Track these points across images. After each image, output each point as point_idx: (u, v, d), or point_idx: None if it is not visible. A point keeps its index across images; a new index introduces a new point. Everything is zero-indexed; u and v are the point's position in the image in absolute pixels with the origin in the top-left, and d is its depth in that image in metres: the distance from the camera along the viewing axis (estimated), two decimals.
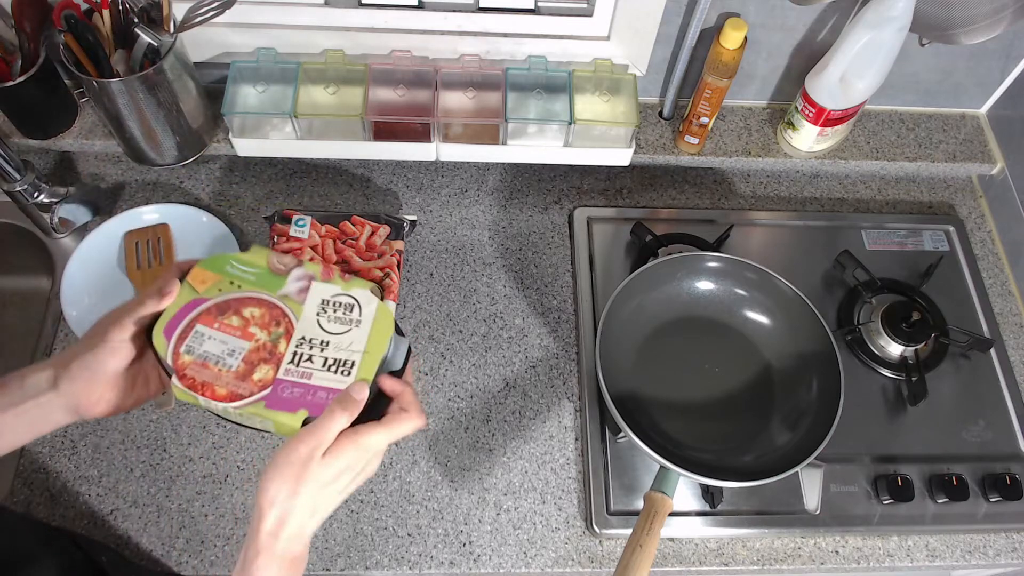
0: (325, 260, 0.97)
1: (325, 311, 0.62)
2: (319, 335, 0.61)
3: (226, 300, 0.61)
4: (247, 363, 0.59)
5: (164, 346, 0.59)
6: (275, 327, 0.61)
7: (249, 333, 0.60)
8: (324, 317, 0.62)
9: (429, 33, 1.01)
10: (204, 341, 0.59)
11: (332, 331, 0.61)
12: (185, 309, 0.60)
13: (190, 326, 0.60)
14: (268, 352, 0.60)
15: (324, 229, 0.99)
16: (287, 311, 0.61)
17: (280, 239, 0.98)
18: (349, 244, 0.99)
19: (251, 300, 0.61)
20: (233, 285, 0.61)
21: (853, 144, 1.14)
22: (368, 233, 0.99)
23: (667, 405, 0.91)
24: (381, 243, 0.99)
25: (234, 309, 0.61)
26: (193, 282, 0.61)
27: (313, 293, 0.62)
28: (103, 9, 0.87)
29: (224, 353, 0.59)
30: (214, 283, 0.61)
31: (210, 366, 0.59)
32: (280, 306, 0.61)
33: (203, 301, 0.61)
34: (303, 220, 0.99)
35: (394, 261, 0.98)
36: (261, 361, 0.59)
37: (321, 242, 0.98)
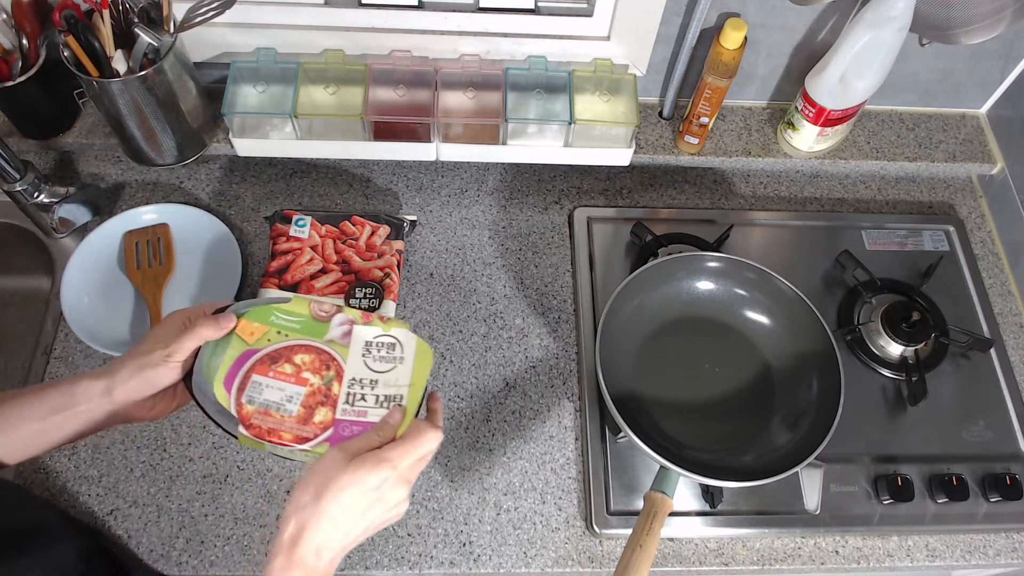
0: (325, 260, 0.97)
1: (369, 352, 0.66)
2: (368, 375, 0.65)
3: (277, 349, 0.65)
4: (306, 407, 0.63)
5: (226, 397, 0.62)
6: (326, 371, 0.64)
7: (303, 379, 0.64)
8: (369, 357, 0.66)
9: (429, 33, 1.01)
10: (263, 390, 0.63)
11: (379, 369, 0.65)
12: (239, 361, 0.64)
13: (247, 377, 0.63)
14: (323, 395, 0.64)
15: (324, 229, 0.99)
16: (335, 355, 0.65)
17: (280, 239, 0.98)
18: (349, 244, 0.99)
19: (300, 347, 0.65)
20: (280, 335, 0.65)
21: (853, 144, 1.14)
22: (368, 233, 0.99)
23: (667, 405, 0.91)
24: (381, 243, 0.99)
25: (285, 357, 0.64)
26: (242, 334, 0.64)
27: (356, 336, 0.66)
28: (103, 9, 0.87)
29: (283, 400, 0.63)
30: (262, 334, 0.65)
31: (272, 413, 0.63)
32: (328, 351, 0.65)
33: (255, 352, 0.64)
34: (303, 220, 0.99)
35: (394, 261, 0.98)
36: (318, 404, 0.63)
37: (321, 242, 0.98)
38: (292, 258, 0.97)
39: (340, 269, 0.97)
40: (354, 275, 0.96)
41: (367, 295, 0.95)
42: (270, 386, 0.63)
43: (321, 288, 0.95)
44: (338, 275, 0.96)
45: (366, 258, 0.98)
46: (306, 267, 0.96)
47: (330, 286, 0.96)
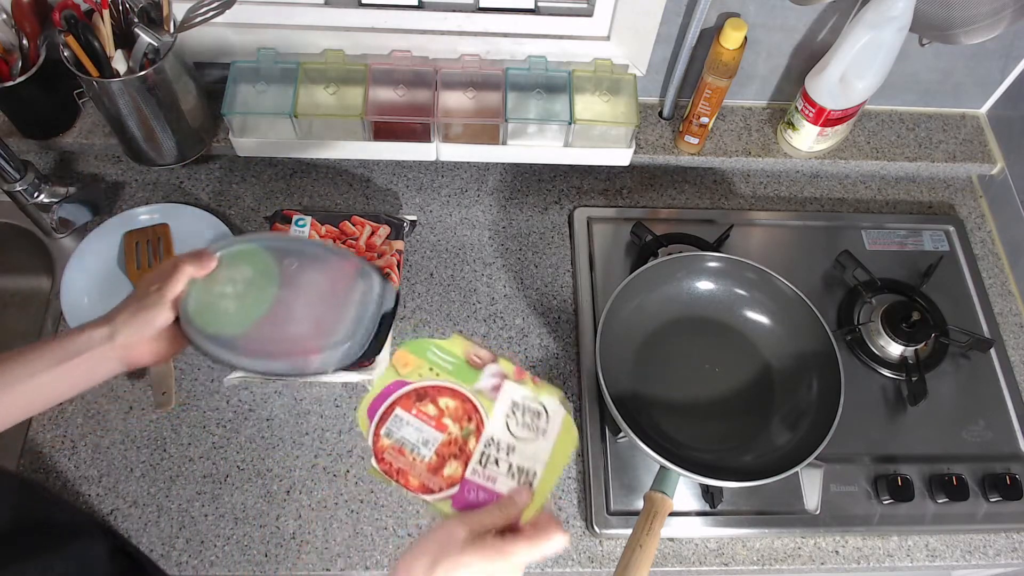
0: None
1: (514, 413, 0.62)
2: (507, 438, 0.61)
3: (425, 387, 0.62)
4: (439, 456, 0.60)
5: (367, 425, 0.60)
6: (467, 422, 0.61)
7: (443, 424, 0.61)
8: (513, 420, 0.61)
9: (429, 33, 1.01)
10: (402, 426, 0.61)
11: (519, 436, 0.61)
12: (388, 390, 0.61)
13: (391, 408, 0.61)
14: (458, 448, 0.60)
15: (324, 229, 0.99)
16: (479, 407, 0.61)
17: None
18: (349, 244, 0.99)
19: (447, 390, 0.62)
20: (432, 372, 0.62)
21: (853, 144, 1.14)
22: (368, 233, 0.99)
23: (667, 405, 0.91)
24: (381, 243, 0.99)
25: (431, 397, 0.61)
26: (396, 364, 0.62)
27: (505, 392, 0.62)
28: (103, 9, 0.87)
29: (419, 442, 0.60)
30: (415, 367, 0.62)
31: (406, 453, 0.60)
32: (473, 401, 0.61)
33: (405, 384, 0.62)
34: (303, 220, 0.99)
35: (394, 261, 0.98)
36: (451, 456, 0.60)
37: None
38: None
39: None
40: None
41: None
42: (410, 424, 0.61)
43: None
44: None
45: (366, 258, 0.98)
46: None
47: None
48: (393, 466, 0.60)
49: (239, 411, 0.92)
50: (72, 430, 0.90)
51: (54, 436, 0.89)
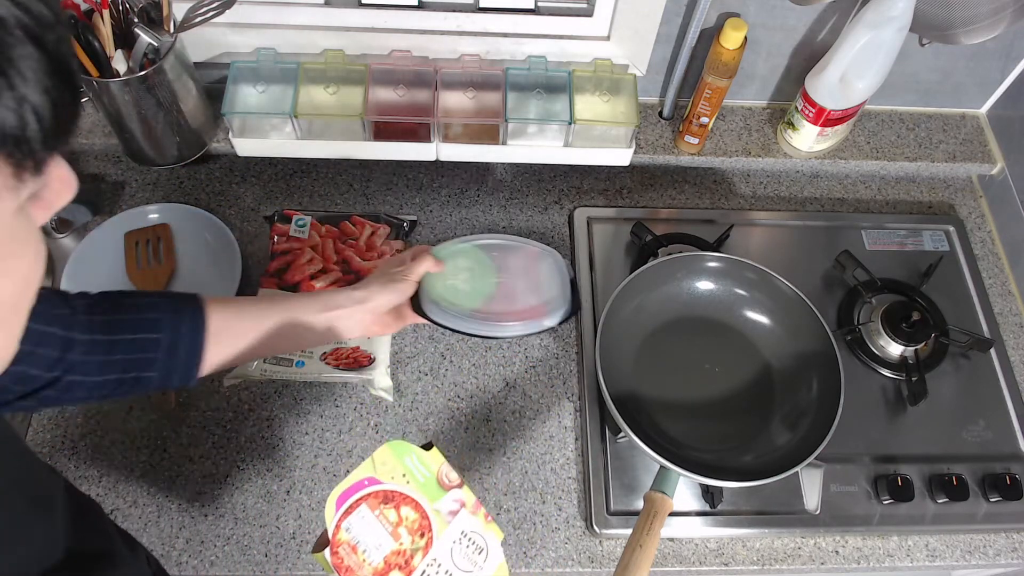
0: (325, 260, 0.97)
1: (460, 542, 0.63)
2: (449, 566, 0.62)
3: (393, 491, 0.63)
4: (386, 563, 0.61)
5: (332, 514, 0.61)
6: (419, 538, 0.62)
7: (398, 533, 0.62)
8: (458, 548, 0.63)
9: (429, 33, 1.01)
10: (363, 524, 0.61)
11: (460, 566, 0.63)
12: (361, 484, 0.62)
13: (357, 503, 0.62)
14: (404, 560, 0.61)
15: (324, 229, 0.99)
16: (433, 527, 0.63)
17: (280, 239, 0.98)
18: (349, 244, 0.99)
19: (412, 501, 0.63)
20: (404, 478, 0.63)
21: (853, 144, 1.14)
22: (368, 233, 1.00)
23: (667, 405, 0.91)
24: (381, 243, 0.99)
25: (396, 503, 0.62)
26: (376, 459, 0.63)
27: (459, 519, 0.63)
28: (103, 9, 0.87)
29: (372, 545, 0.61)
30: (391, 468, 0.63)
31: (357, 552, 0.61)
32: (430, 519, 0.63)
33: (377, 483, 0.63)
34: (303, 220, 0.99)
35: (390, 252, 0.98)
36: (396, 567, 0.61)
37: (321, 242, 0.98)
38: (292, 258, 0.97)
39: (340, 269, 0.97)
40: (354, 275, 0.97)
41: None
42: (370, 525, 0.62)
43: (322, 288, 0.95)
44: (338, 275, 0.97)
45: (366, 258, 0.98)
46: (306, 267, 0.96)
47: (330, 286, 0.96)
48: (343, 562, 0.60)
49: (239, 411, 0.92)
50: (72, 430, 0.90)
51: (54, 436, 0.89)
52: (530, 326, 0.92)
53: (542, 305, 0.92)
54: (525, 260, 0.95)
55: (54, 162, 0.34)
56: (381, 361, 0.92)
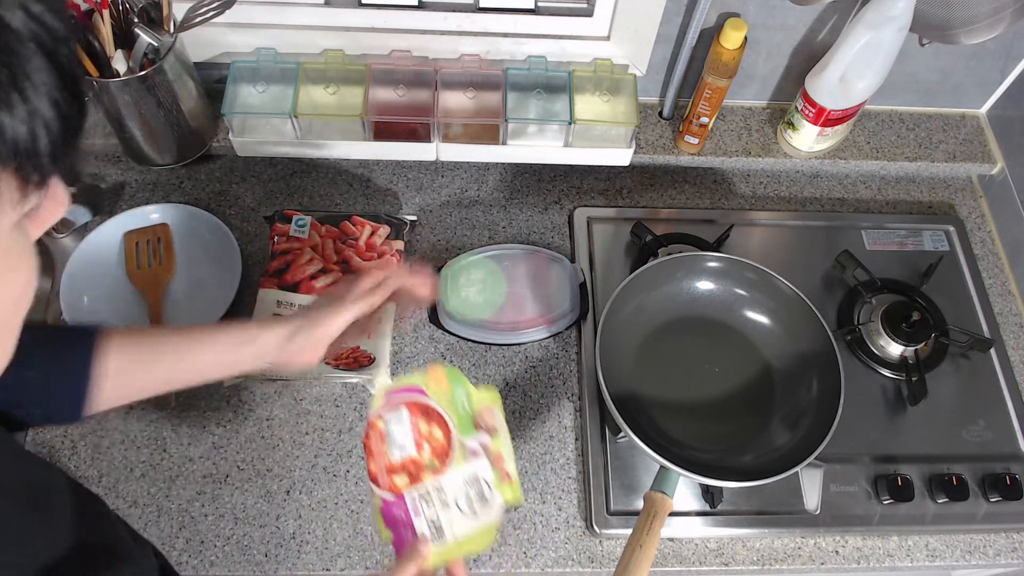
0: (325, 260, 0.97)
1: (469, 483, 0.66)
2: (450, 498, 0.65)
3: (435, 410, 0.66)
4: (400, 465, 0.65)
5: (378, 403, 0.66)
6: (437, 460, 0.65)
7: (421, 445, 0.65)
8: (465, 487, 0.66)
9: (429, 33, 1.01)
10: (398, 423, 0.65)
11: (459, 504, 0.66)
12: (412, 389, 0.67)
13: (403, 404, 0.66)
14: (415, 470, 0.65)
15: (324, 229, 0.99)
16: (452, 458, 0.66)
17: (280, 239, 0.98)
18: (349, 244, 0.99)
19: (445, 426, 0.66)
20: (449, 404, 0.67)
21: (853, 144, 1.14)
22: (368, 233, 1.00)
23: (667, 405, 0.91)
24: (381, 243, 0.99)
25: (433, 421, 0.66)
26: (430, 376, 0.67)
27: (477, 462, 0.66)
28: (103, 9, 0.87)
29: (398, 444, 0.65)
30: (442, 392, 0.67)
31: (384, 443, 0.65)
32: (452, 448, 0.66)
33: (424, 394, 0.67)
34: (303, 220, 0.99)
35: (394, 261, 0.98)
36: (406, 472, 0.65)
37: (321, 242, 0.98)
38: (292, 258, 0.97)
39: (340, 269, 0.97)
40: (354, 275, 0.96)
41: None
42: (403, 426, 0.65)
43: (322, 288, 0.95)
44: (338, 275, 0.97)
45: (366, 258, 0.98)
46: (306, 267, 0.96)
47: (330, 286, 0.96)
48: (370, 443, 0.65)
49: (239, 411, 0.92)
50: (72, 430, 0.90)
51: (54, 436, 0.89)
52: (539, 332, 0.97)
53: (551, 312, 0.98)
54: (535, 267, 1.00)
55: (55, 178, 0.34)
56: (381, 360, 0.92)
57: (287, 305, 0.94)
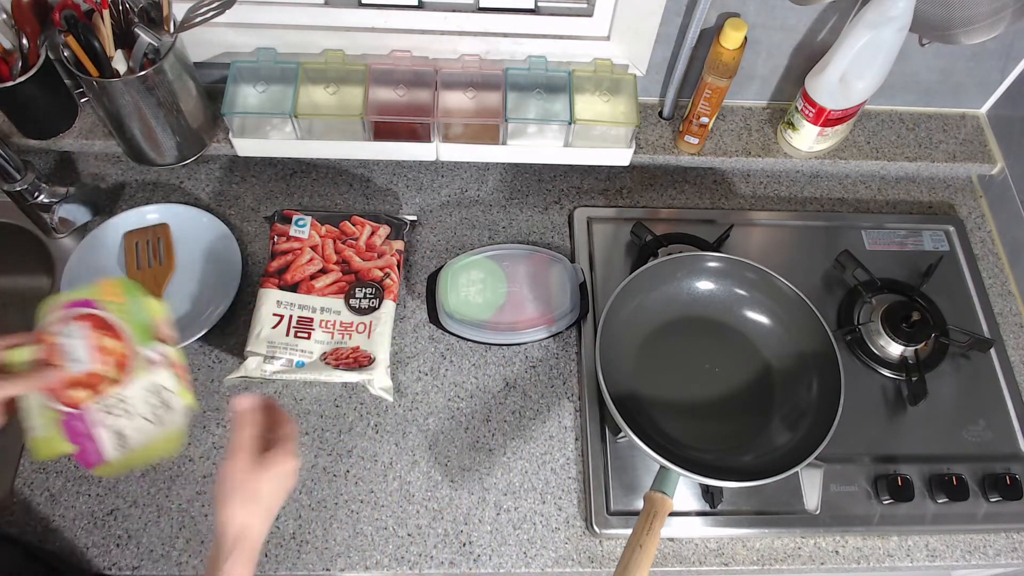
0: (325, 260, 0.97)
1: (151, 392, 0.66)
2: (132, 407, 0.65)
3: (111, 322, 0.65)
4: (81, 381, 0.63)
5: (53, 308, 0.64)
6: (116, 371, 0.64)
7: (98, 358, 0.64)
8: (146, 396, 0.66)
9: (429, 33, 1.01)
10: (71, 336, 0.63)
11: (142, 412, 0.66)
12: (86, 303, 0.65)
13: (75, 317, 0.64)
14: (96, 384, 0.63)
15: (324, 229, 0.99)
16: (131, 367, 0.65)
17: (280, 239, 0.98)
18: (349, 244, 0.99)
19: (122, 336, 0.65)
20: (124, 314, 0.66)
21: (853, 144, 1.14)
22: (368, 233, 1.00)
23: (667, 405, 0.91)
24: (381, 243, 0.99)
25: (109, 333, 0.65)
26: (103, 289, 0.66)
27: (158, 371, 0.66)
28: (103, 9, 0.87)
29: (73, 357, 0.63)
30: (117, 304, 0.66)
31: (57, 356, 0.63)
32: (131, 360, 0.65)
33: (95, 307, 0.65)
34: (303, 220, 0.99)
35: (394, 261, 0.98)
36: (88, 387, 0.63)
37: (321, 242, 0.98)
38: (292, 258, 0.97)
39: (340, 269, 0.97)
40: (354, 275, 0.96)
41: (367, 295, 0.95)
42: (76, 339, 0.63)
43: (322, 288, 0.95)
44: (338, 275, 0.96)
45: (366, 258, 0.98)
46: (306, 267, 0.96)
47: (330, 286, 0.96)
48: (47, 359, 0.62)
49: None
50: None
51: None
52: (539, 332, 0.97)
53: (551, 311, 0.98)
54: (535, 267, 1.00)
55: None
56: (381, 361, 0.92)
57: (287, 305, 0.93)
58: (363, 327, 0.93)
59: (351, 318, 0.93)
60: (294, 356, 0.91)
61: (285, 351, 0.91)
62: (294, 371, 0.90)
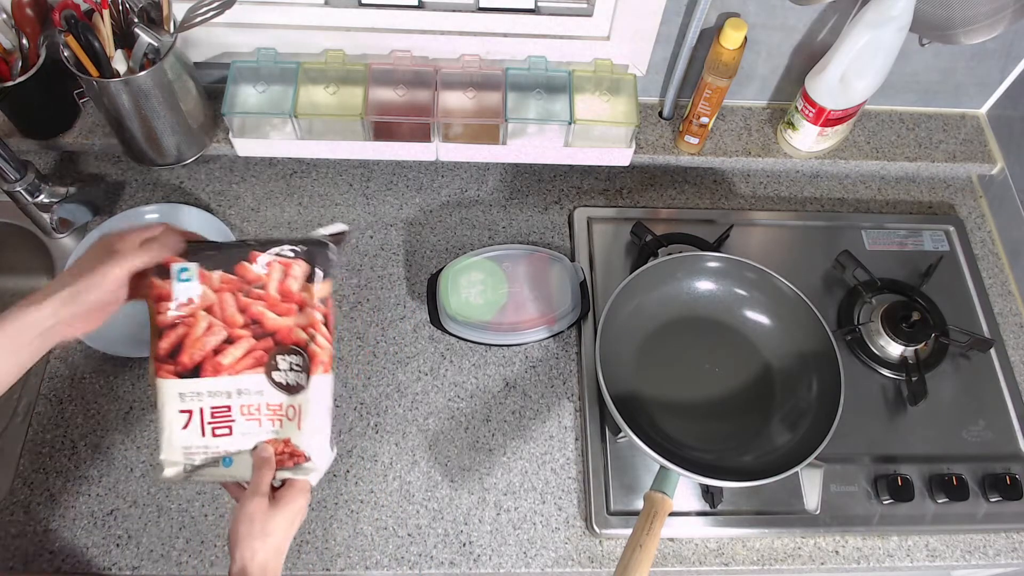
0: (228, 323, 0.68)
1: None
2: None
3: None
4: None
5: None
6: None
7: None
8: None
9: (429, 33, 1.01)
10: None
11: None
12: None
13: None
14: None
15: (217, 278, 0.67)
16: None
17: (162, 306, 0.67)
18: (255, 295, 0.68)
19: None
20: None
21: (853, 144, 1.14)
22: (279, 275, 0.68)
23: (667, 405, 0.91)
24: (298, 288, 0.68)
25: None
26: None
27: None
28: (103, 9, 0.87)
29: None
30: None
31: None
32: None
33: None
34: (187, 270, 0.67)
35: (319, 317, 0.68)
36: None
37: (218, 299, 0.67)
38: (184, 331, 0.67)
39: (251, 333, 0.68)
40: (271, 338, 0.68)
41: (293, 366, 0.67)
42: None
43: (232, 364, 0.67)
44: (250, 341, 0.68)
45: (282, 312, 0.68)
46: (205, 339, 0.67)
47: (243, 359, 0.68)
48: None
49: None
50: (72, 430, 0.90)
51: (54, 436, 0.89)
52: (540, 332, 0.97)
53: (552, 311, 0.98)
54: (535, 267, 1.00)
55: None
56: (317, 464, 0.69)
57: (192, 396, 0.67)
58: (292, 412, 0.68)
59: (279, 398, 0.67)
60: (219, 455, 0.68)
61: (206, 452, 0.67)
62: (223, 469, 0.68)
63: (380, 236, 1.05)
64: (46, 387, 0.92)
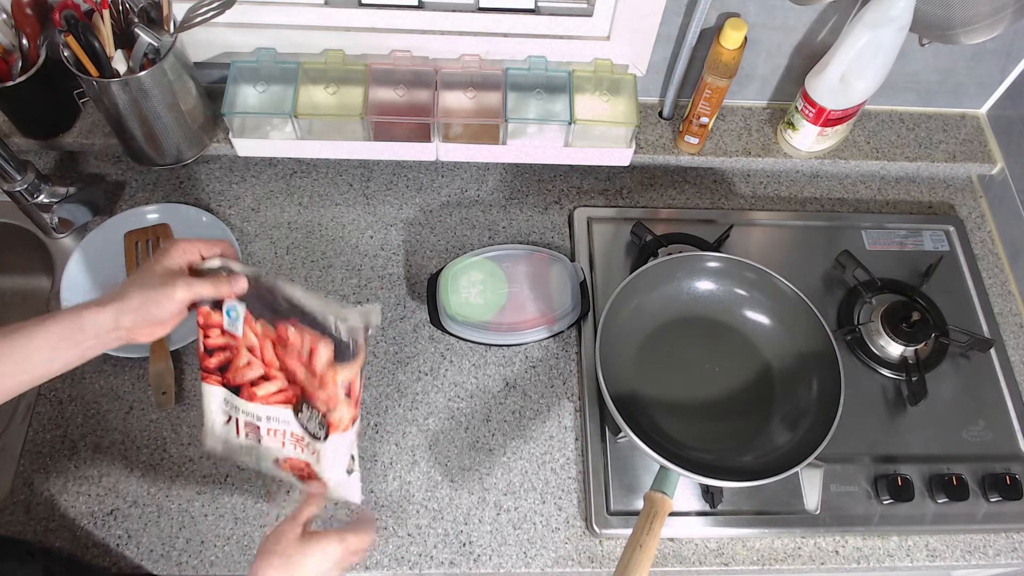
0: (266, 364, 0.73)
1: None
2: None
3: None
4: None
5: None
6: None
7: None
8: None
9: (429, 33, 1.01)
10: None
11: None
12: None
13: None
14: None
15: (260, 327, 0.72)
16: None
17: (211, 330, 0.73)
18: (290, 354, 0.71)
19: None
20: None
21: (853, 144, 1.14)
22: (307, 348, 0.70)
23: (667, 405, 0.91)
24: (323, 368, 0.69)
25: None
26: None
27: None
28: (103, 9, 0.87)
29: None
30: None
31: None
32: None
33: None
34: (235, 311, 0.72)
35: (340, 394, 0.69)
36: None
37: (259, 344, 0.72)
38: (230, 356, 0.74)
39: (285, 377, 0.73)
40: (300, 389, 0.72)
41: (314, 417, 0.72)
42: None
43: (265, 396, 0.74)
44: (283, 383, 0.73)
45: (309, 377, 0.72)
46: (245, 371, 0.74)
47: (275, 395, 0.73)
48: None
49: None
50: (72, 430, 0.90)
51: (54, 436, 0.89)
52: (540, 332, 0.97)
53: (552, 311, 0.98)
54: (535, 267, 1.00)
55: None
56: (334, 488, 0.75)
57: (232, 407, 0.75)
58: (312, 451, 0.73)
59: (302, 433, 0.73)
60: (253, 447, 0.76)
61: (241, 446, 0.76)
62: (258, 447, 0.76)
63: (380, 236, 1.05)
64: (46, 387, 0.92)
